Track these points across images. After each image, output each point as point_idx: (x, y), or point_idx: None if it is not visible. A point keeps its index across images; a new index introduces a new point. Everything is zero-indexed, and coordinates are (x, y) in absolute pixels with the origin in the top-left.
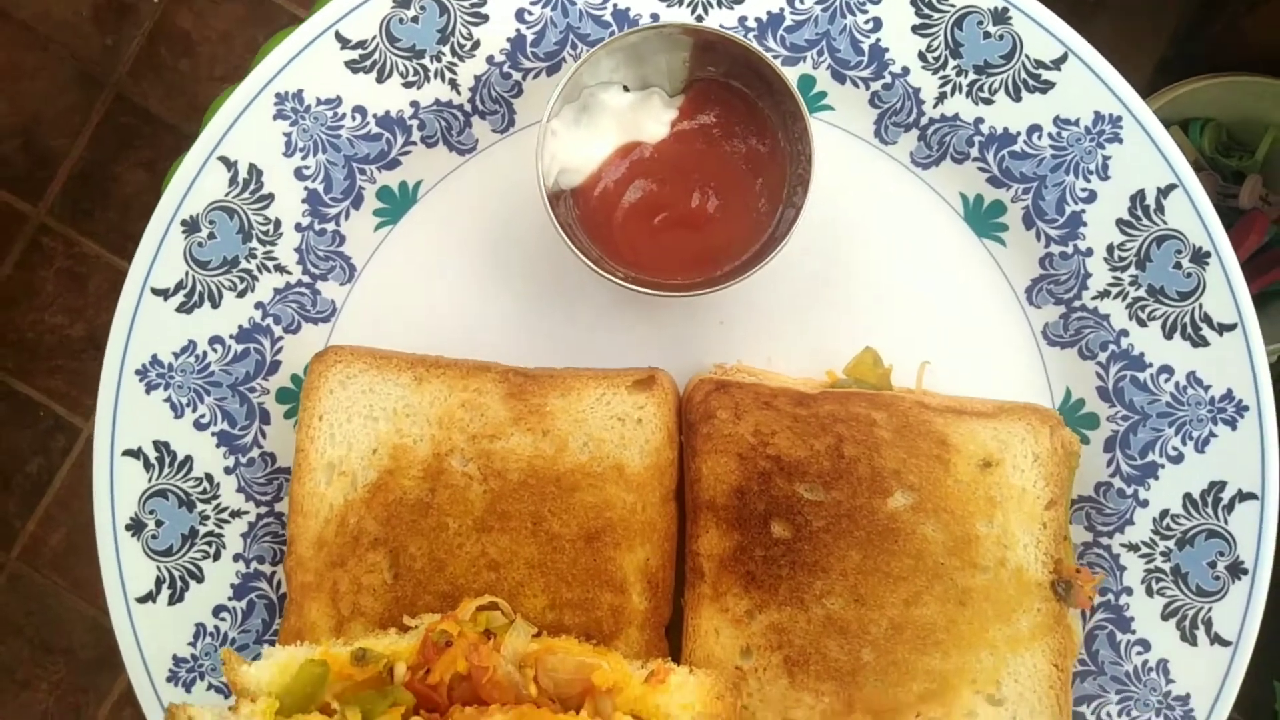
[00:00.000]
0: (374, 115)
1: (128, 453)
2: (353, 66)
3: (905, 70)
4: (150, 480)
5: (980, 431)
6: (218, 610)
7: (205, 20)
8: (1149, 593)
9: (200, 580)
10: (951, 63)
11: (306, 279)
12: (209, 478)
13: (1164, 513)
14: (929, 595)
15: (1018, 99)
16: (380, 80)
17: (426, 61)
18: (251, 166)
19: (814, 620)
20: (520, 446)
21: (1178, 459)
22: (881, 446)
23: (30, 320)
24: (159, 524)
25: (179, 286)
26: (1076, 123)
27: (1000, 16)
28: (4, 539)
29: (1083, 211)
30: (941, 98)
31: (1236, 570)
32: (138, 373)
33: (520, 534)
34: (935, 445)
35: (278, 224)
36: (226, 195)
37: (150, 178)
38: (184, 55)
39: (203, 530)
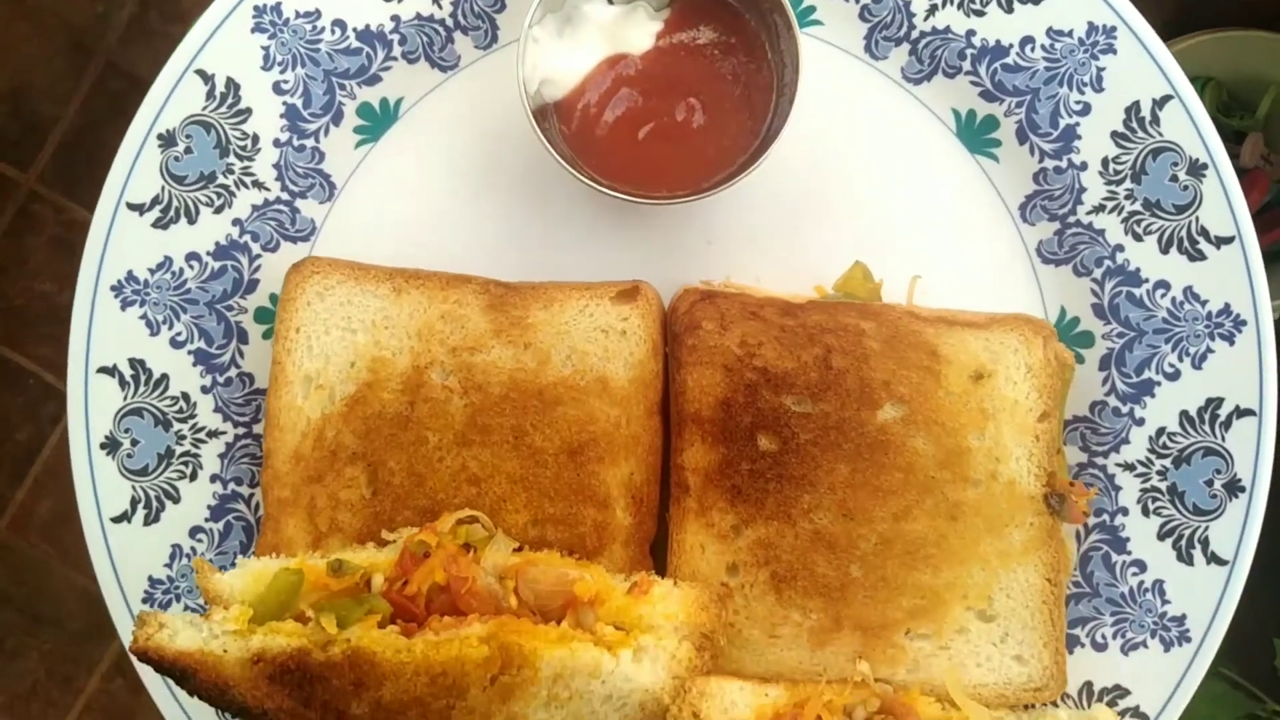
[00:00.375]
0: (354, 29)
1: (103, 370)
2: None
3: None
4: (126, 398)
5: (972, 342)
6: (194, 532)
7: None
8: (1145, 512)
9: (176, 501)
10: None
11: (285, 196)
12: (185, 397)
13: (1160, 431)
14: (919, 509)
15: (1010, 10)
16: None
17: None
18: (229, 80)
19: (801, 535)
20: (502, 359)
21: (1174, 376)
22: (870, 358)
23: (19, 288)
24: (134, 443)
25: (155, 202)
26: (1070, 34)
27: None
28: None
29: (1077, 125)
30: (932, 10)
31: (1234, 488)
32: (113, 289)
33: (502, 448)
34: (926, 356)
35: (256, 139)
36: (204, 109)
37: None
38: (175, 21)
39: (179, 450)
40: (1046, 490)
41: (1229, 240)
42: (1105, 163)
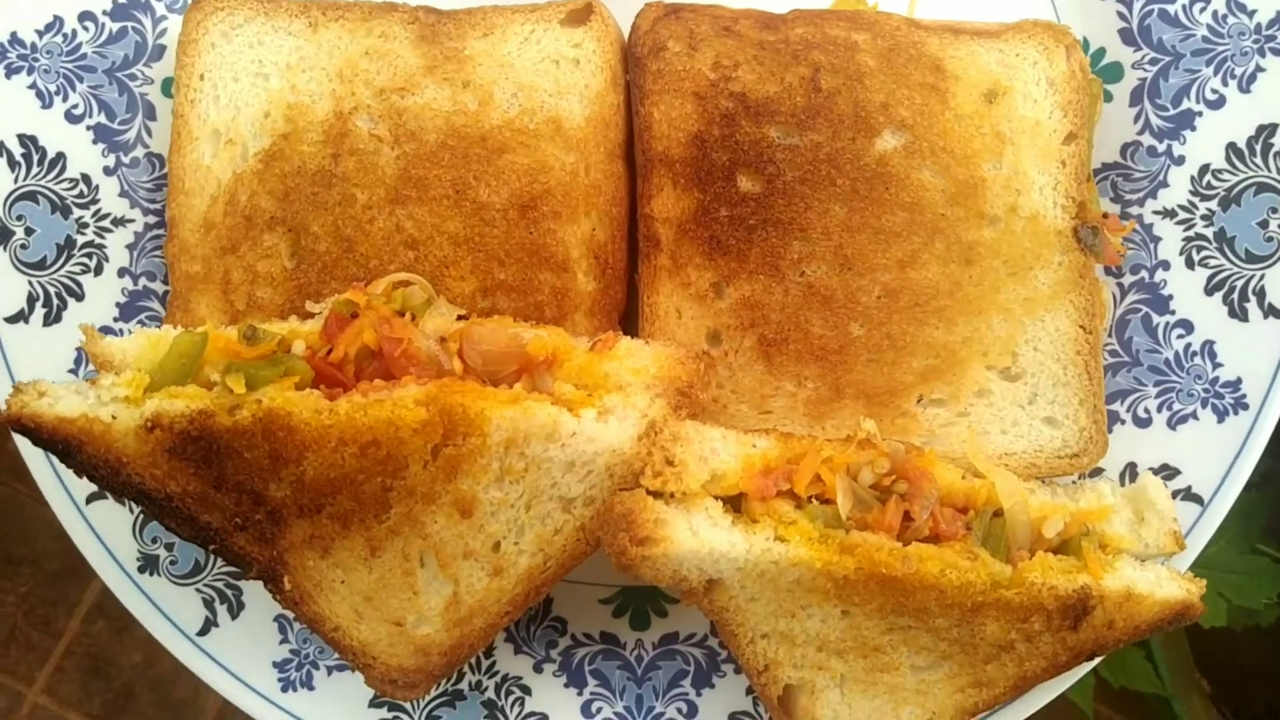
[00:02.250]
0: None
1: None
2: None
3: None
4: (16, 180)
5: (983, 55)
6: (103, 332)
7: None
8: (1189, 265)
9: (80, 298)
10: None
11: None
12: (86, 179)
13: (1204, 169)
14: (928, 254)
15: None
16: None
17: None
18: None
19: (792, 291)
20: (437, 100)
21: (1218, 103)
22: (865, 76)
23: None
24: (29, 232)
25: None
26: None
27: None
28: None
29: None
30: None
31: None
32: None
33: (442, 205)
34: (930, 73)
35: None
36: None
37: None
38: None
39: (81, 240)
40: (1076, 223)
41: None
42: None
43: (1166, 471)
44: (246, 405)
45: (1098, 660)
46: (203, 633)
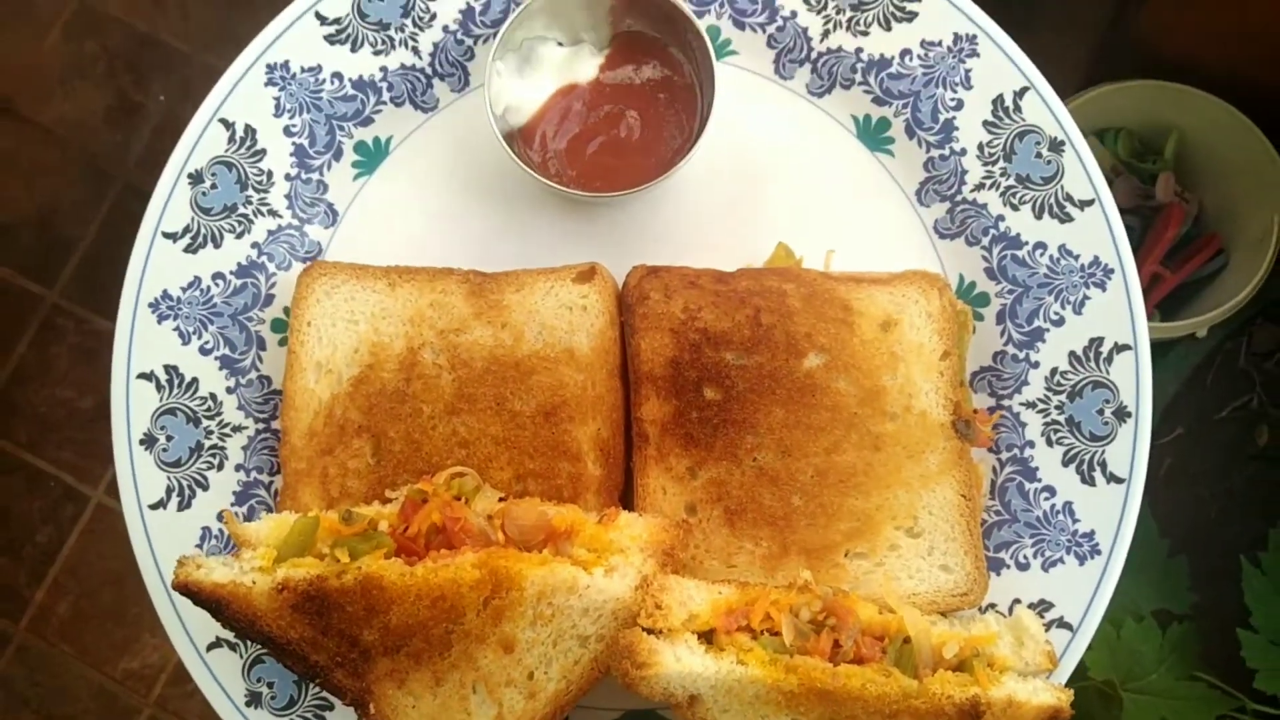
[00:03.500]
0: (349, 80)
1: (141, 375)
2: (330, 39)
3: (793, 14)
4: (162, 400)
5: (879, 296)
6: (222, 515)
7: None
8: (1049, 443)
9: (205, 489)
10: (831, 4)
11: (295, 222)
12: (213, 397)
13: (1054, 371)
14: (847, 443)
15: (888, 28)
16: (354, 50)
17: (392, 32)
18: (247, 126)
19: (747, 473)
20: (483, 338)
21: (1059, 322)
22: (793, 314)
23: (43, 396)
24: (169, 439)
25: (186, 230)
26: (939, 43)
27: None
28: (13, 611)
29: (954, 118)
30: (826, 34)
31: (1121, 414)
32: (150, 305)
33: (486, 414)
34: (840, 310)
35: (270, 175)
36: (226, 151)
37: None
38: None
39: (207, 444)
40: (954, 418)
41: (1090, 202)
42: (980, 148)
43: (1043, 605)
44: (350, 571)
45: None
46: None
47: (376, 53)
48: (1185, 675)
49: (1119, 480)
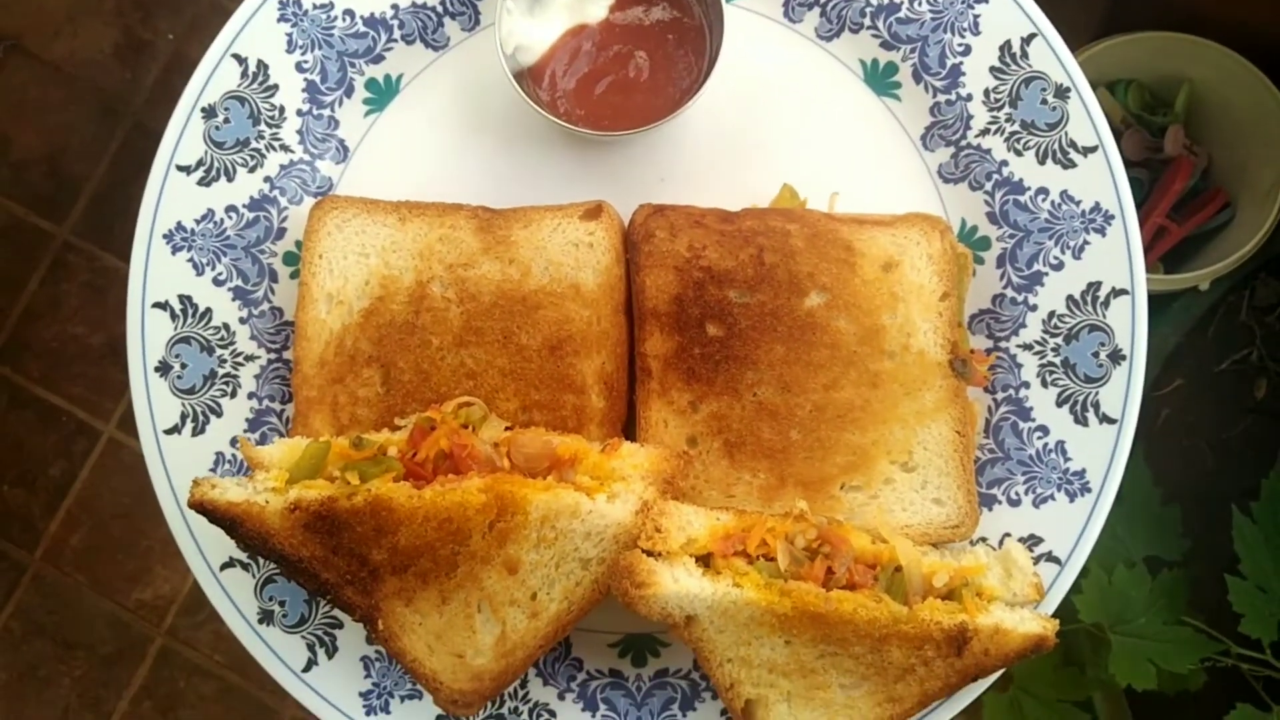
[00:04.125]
0: (361, 17)
1: (156, 305)
2: None
3: None
4: (176, 329)
5: (881, 238)
6: (234, 441)
7: None
8: (1044, 384)
9: (219, 415)
10: None
11: (307, 157)
12: (226, 327)
13: (1051, 314)
14: (845, 380)
15: None
16: None
17: None
18: (259, 61)
19: (747, 407)
20: (491, 272)
21: (1059, 266)
22: (796, 254)
23: (54, 331)
24: (184, 366)
25: (199, 164)
26: None
27: None
28: (29, 541)
29: (961, 63)
30: None
31: (1116, 357)
32: (164, 237)
33: (493, 347)
34: (843, 251)
35: (282, 110)
36: (238, 86)
37: None
38: None
39: (221, 372)
40: (951, 357)
41: (1094, 149)
42: (987, 93)
43: (1033, 539)
44: (360, 493)
45: (985, 683)
46: (306, 670)
47: None
48: (1173, 620)
49: (1111, 421)
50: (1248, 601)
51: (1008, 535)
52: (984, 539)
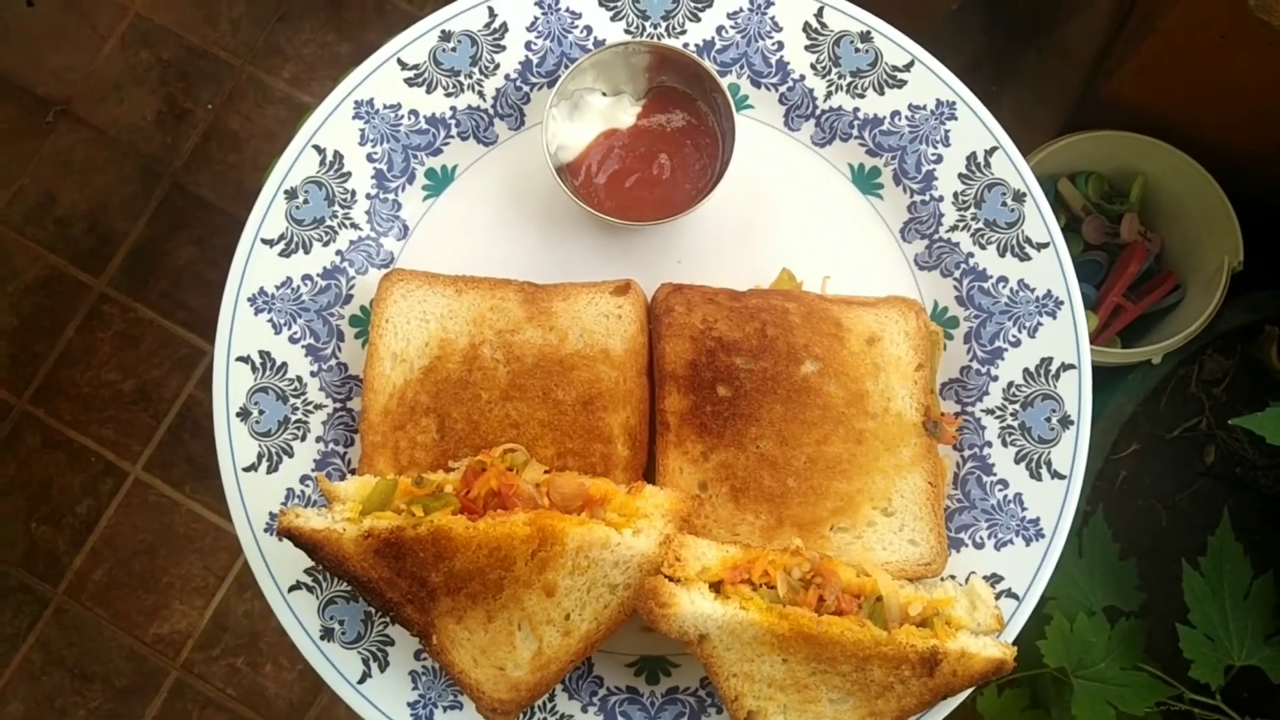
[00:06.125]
0: (423, 116)
1: (239, 359)
2: (409, 82)
3: (802, 76)
4: (256, 379)
5: (865, 316)
6: (303, 478)
7: (252, 121)
8: (1004, 444)
9: (291, 456)
10: (834, 70)
11: (373, 235)
12: (299, 379)
13: (1010, 384)
14: (835, 436)
15: (882, 93)
16: (428, 92)
17: (461, 78)
18: (335, 152)
19: (751, 458)
20: (533, 338)
21: (1016, 343)
22: (794, 328)
23: (87, 377)
24: (261, 413)
25: (281, 237)
26: (924, 107)
27: (865, 37)
28: (53, 575)
29: (934, 170)
30: (829, 94)
31: (1065, 422)
32: (249, 300)
33: (534, 402)
34: (833, 326)
35: (353, 194)
36: (317, 172)
37: (199, 252)
38: (232, 150)
39: (293, 418)
40: (924, 419)
41: (1046, 245)
42: (956, 196)
43: (995, 578)
44: (424, 523)
45: (953, 701)
46: (360, 681)
47: (447, 95)
48: (1130, 665)
49: (1061, 477)
50: (1197, 649)
51: (973, 573)
52: (953, 576)
